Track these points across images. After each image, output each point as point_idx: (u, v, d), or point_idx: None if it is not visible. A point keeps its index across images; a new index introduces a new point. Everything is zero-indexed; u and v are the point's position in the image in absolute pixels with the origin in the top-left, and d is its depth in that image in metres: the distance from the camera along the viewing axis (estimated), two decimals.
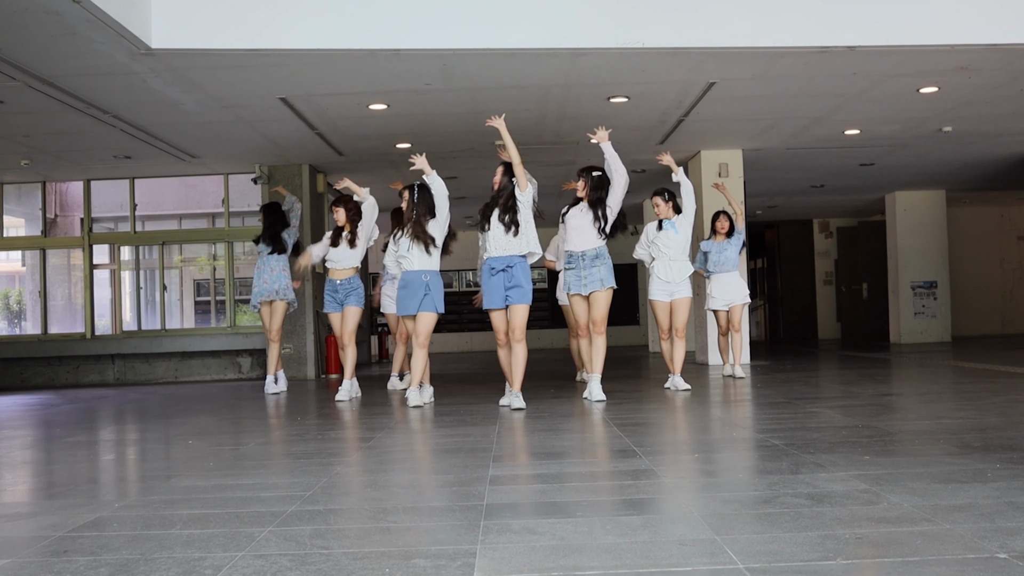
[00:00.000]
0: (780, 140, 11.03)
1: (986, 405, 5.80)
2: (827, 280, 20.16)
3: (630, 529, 2.75)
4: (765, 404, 6.45)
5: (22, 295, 15.40)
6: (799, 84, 8.36)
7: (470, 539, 2.68)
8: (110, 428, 6.68)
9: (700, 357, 11.82)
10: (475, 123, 9.46)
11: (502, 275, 6.54)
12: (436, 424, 5.85)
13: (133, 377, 12.07)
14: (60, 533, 2.95)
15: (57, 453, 5.18)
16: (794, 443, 4.34)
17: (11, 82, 7.36)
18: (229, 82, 7.70)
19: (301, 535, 2.80)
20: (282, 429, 6.04)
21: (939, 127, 10.48)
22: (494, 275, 6.57)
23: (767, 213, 18.36)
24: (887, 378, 8.57)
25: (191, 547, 2.70)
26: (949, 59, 7.65)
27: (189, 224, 14.63)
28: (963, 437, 4.37)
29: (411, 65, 7.37)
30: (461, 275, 20.32)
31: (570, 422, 5.72)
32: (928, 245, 16.27)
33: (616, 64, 7.54)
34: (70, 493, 3.75)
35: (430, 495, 3.51)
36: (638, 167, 12.39)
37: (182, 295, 16.93)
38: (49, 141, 9.75)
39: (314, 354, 11.53)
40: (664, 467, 3.85)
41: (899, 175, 14.16)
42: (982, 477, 3.34)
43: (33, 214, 12.88)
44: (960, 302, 18.05)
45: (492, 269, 6.59)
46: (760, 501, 3.08)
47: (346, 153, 10.89)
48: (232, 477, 3.97)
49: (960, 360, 10.53)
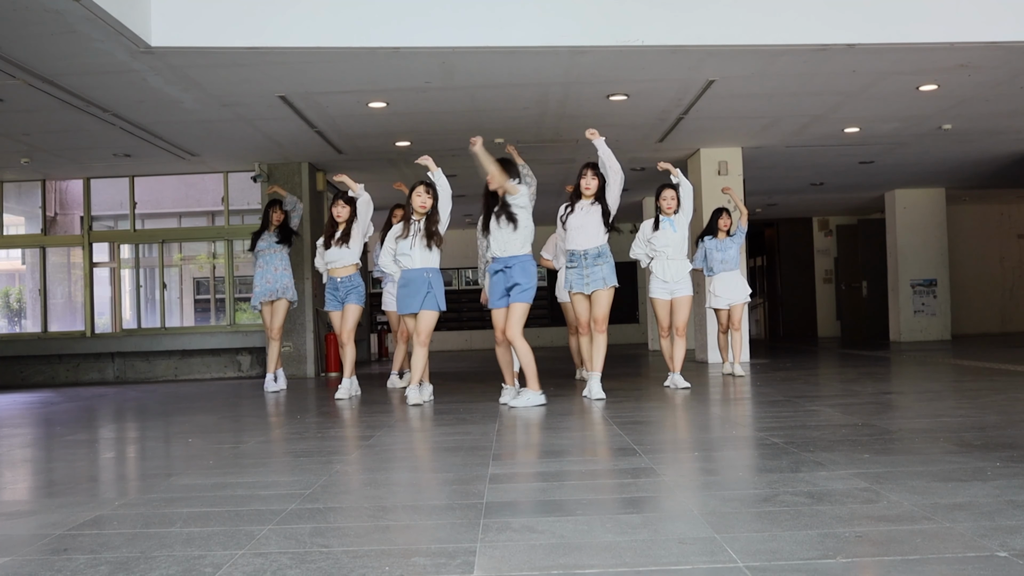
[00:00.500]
0: (780, 138, 11.03)
1: (986, 403, 5.80)
2: (827, 278, 20.17)
3: (630, 527, 2.75)
4: (765, 402, 6.46)
5: (22, 293, 15.41)
6: (799, 82, 8.36)
7: (470, 537, 2.68)
8: (110, 426, 6.68)
9: (700, 355, 11.82)
10: (475, 121, 9.48)
11: (502, 275, 6.58)
12: (436, 422, 5.86)
13: (133, 375, 12.07)
14: (60, 531, 2.95)
15: (57, 451, 5.18)
16: (794, 441, 4.34)
17: (11, 80, 7.36)
18: (229, 80, 7.70)
19: (301, 533, 2.80)
20: (282, 427, 6.04)
21: (939, 125, 10.48)
22: (495, 275, 6.64)
23: (767, 211, 18.37)
24: (887, 376, 8.57)
25: (191, 545, 2.70)
26: (949, 57, 7.65)
27: (189, 222, 14.64)
28: (963, 435, 4.38)
29: (411, 63, 7.37)
30: (460, 273, 20.32)
31: (570, 420, 5.73)
32: (928, 243, 16.27)
33: (616, 62, 7.54)
34: (70, 491, 3.75)
35: (430, 493, 3.52)
36: (637, 165, 12.40)
37: (182, 293, 16.94)
38: (49, 139, 9.75)
39: (314, 352, 11.53)
40: (664, 465, 3.85)
41: (899, 173, 14.16)
42: (982, 475, 3.34)
43: (33, 212, 12.87)
44: (960, 300, 18.06)
45: (495, 270, 6.67)
46: (760, 499, 3.08)
47: (345, 151, 10.89)
48: (232, 475, 3.97)
49: (960, 358, 10.54)
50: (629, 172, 12.92)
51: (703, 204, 11.52)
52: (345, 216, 7.91)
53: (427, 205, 6.90)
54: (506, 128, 9.87)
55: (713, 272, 8.87)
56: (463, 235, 17.94)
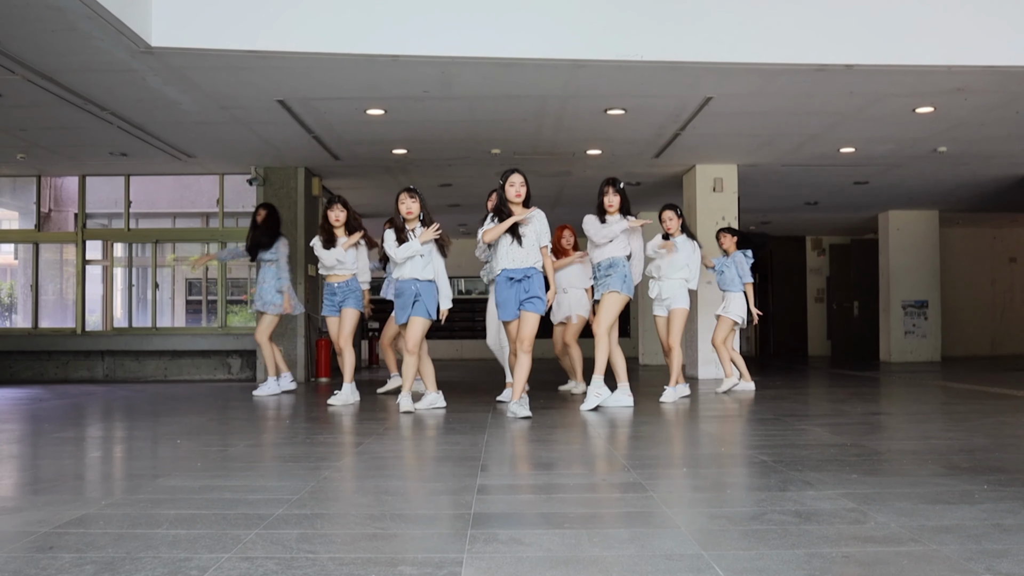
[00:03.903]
0: (775, 156, 11.06)
1: (975, 426, 5.81)
2: (818, 297, 20.22)
3: (617, 542, 2.75)
4: (754, 420, 6.46)
5: (14, 288, 15.36)
6: (796, 101, 8.40)
7: (457, 548, 2.67)
8: (98, 425, 6.66)
9: (690, 371, 11.82)
10: (472, 131, 9.50)
11: (519, 285, 6.47)
12: (426, 431, 5.85)
13: (122, 374, 12.03)
14: (46, 529, 2.94)
15: (44, 449, 5.16)
16: (782, 460, 4.35)
17: (10, 76, 7.35)
18: (227, 83, 7.70)
19: (288, 539, 2.80)
20: (271, 431, 6.03)
21: (934, 147, 10.52)
22: (511, 286, 6.49)
23: (760, 229, 18.41)
24: (876, 397, 8.59)
25: (177, 547, 2.69)
26: (946, 80, 7.69)
27: (183, 223, 14.61)
28: (951, 458, 4.39)
29: (410, 72, 7.38)
30: (453, 282, 20.30)
31: (559, 433, 5.72)
32: (920, 265, 16.33)
33: (614, 76, 7.56)
34: (56, 489, 3.74)
35: (418, 502, 3.51)
36: (633, 180, 12.42)
37: (174, 294, 16.90)
38: (46, 135, 9.74)
39: (304, 357, 11.51)
40: (652, 481, 3.85)
41: (893, 194, 14.22)
42: (970, 498, 3.35)
43: (27, 208, 12.85)
44: (951, 322, 18.12)
45: (510, 280, 6.49)
46: (748, 517, 3.09)
47: (342, 157, 10.89)
48: (220, 478, 3.96)
49: (949, 380, 10.56)
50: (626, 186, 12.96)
51: (697, 221, 11.56)
52: (343, 220, 7.94)
53: (413, 211, 6.90)
54: (503, 139, 9.89)
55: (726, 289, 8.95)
56: (457, 244, 17.90)
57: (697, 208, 11.64)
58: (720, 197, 11.69)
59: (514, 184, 6.50)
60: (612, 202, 7.20)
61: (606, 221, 7.22)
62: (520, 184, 6.50)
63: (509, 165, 7.93)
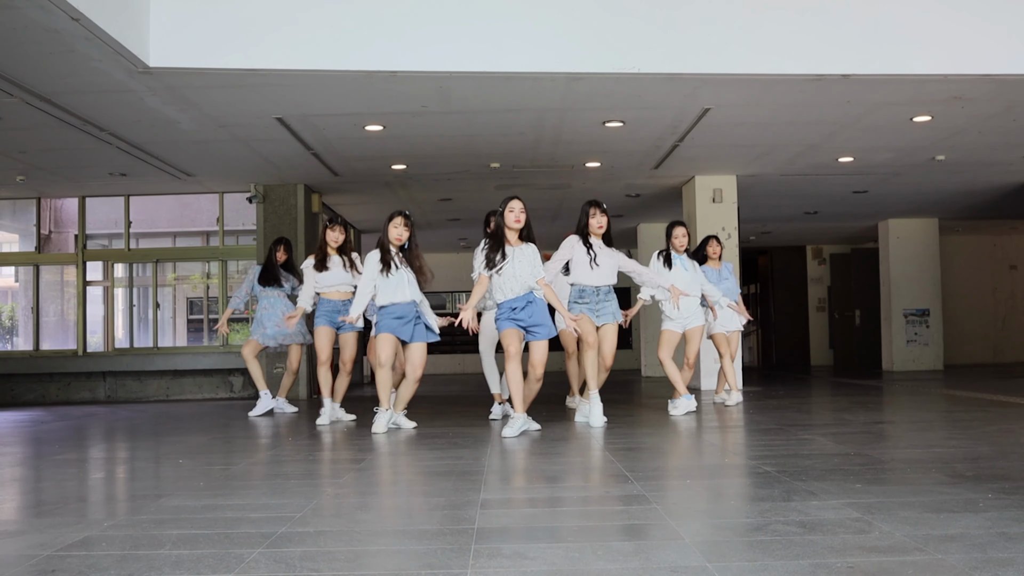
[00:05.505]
0: (774, 167, 11.08)
1: (978, 434, 5.80)
2: (820, 306, 20.20)
3: (621, 555, 2.74)
4: (757, 430, 6.45)
5: (14, 311, 15.36)
6: (794, 111, 8.41)
7: (460, 563, 2.66)
8: (100, 446, 6.65)
9: (692, 382, 11.80)
10: (471, 146, 9.51)
11: (522, 312, 6.36)
12: (427, 446, 5.83)
13: (124, 395, 12.02)
14: (48, 552, 2.93)
15: (46, 471, 5.15)
16: (786, 470, 4.33)
17: (8, 98, 7.37)
18: (226, 101, 7.72)
19: (291, 557, 2.79)
20: (273, 449, 6.01)
21: (932, 156, 10.53)
22: (515, 313, 6.37)
23: (760, 239, 18.43)
24: (879, 406, 8.57)
25: (180, 568, 2.69)
26: (943, 89, 7.71)
27: (183, 242, 14.62)
28: (955, 466, 4.37)
29: (408, 87, 7.39)
30: (454, 296, 20.30)
31: (562, 446, 5.71)
32: (921, 273, 16.33)
33: (612, 89, 7.58)
34: (59, 511, 3.73)
35: (420, 518, 3.50)
36: (632, 192, 12.44)
37: (175, 313, 16.90)
38: (45, 157, 9.75)
39: (306, 375, 11.49)
40: (656, 493, 3.84)
41: (892, 203, 14.22)
42: (974, 507, 3.34)
43: (27, 230, 12.86)
44: (952, 330, 18.09)
45: (513, 309, 6.37)
46: (752, 528, 3.08)
47: (341, 173, 10.91)
48: (222, 497, 3.95)
49: (952, 389, 10.54)
50: (624, 199, 13.01)
51: (697, 233, 11.55)
52: (340, 241, 7.90)
53: (403, 238, 6.85)
54: (502, 153, 9.91)
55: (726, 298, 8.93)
56: (457, 259, 17.97)
57: (697, 219, 11.64)
58: (720, 208, 11.69)
59: (513, 210, 6.47)
60: (601, 223, 7.03)
61: (591, 244, 7.04)
62: (520, 210, 6.47)
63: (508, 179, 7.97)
